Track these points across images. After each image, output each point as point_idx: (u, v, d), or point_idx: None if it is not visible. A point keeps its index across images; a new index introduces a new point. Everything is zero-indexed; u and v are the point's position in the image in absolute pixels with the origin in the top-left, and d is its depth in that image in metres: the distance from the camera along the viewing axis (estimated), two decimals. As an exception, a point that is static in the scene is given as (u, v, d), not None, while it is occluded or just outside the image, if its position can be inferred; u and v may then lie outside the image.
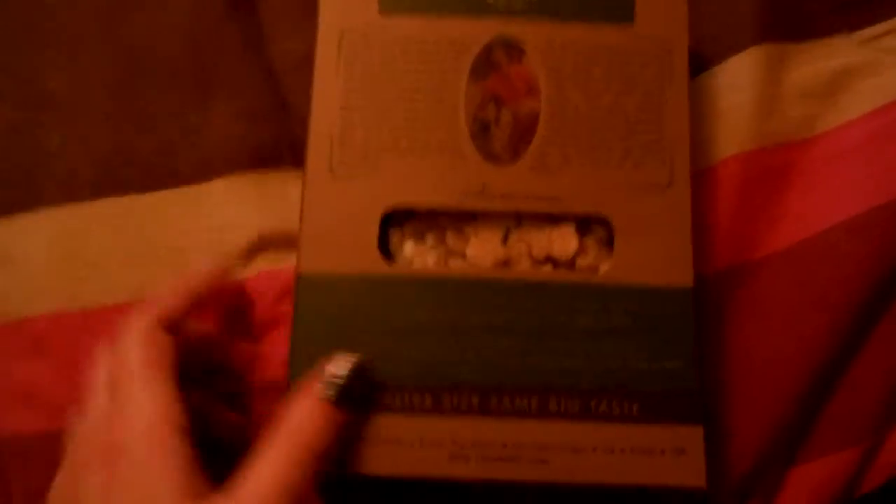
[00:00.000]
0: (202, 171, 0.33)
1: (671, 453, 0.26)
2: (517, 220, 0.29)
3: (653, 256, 0.28)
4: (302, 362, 0.26)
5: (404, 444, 0.25)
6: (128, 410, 0.23)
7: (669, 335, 0.27)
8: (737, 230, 0.31)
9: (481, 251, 0.28)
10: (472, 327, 0.26)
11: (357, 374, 0.25)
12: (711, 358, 0.30)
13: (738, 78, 0.32)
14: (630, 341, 0.27)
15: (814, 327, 0.30)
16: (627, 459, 0.26)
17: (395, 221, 0.28)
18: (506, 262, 0.28)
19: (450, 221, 0.29)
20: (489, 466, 0.25)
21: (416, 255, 0.28)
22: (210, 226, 0.32)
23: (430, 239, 0.29)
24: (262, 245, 0.31)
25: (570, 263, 0.28)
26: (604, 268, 0.28)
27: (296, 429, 0.23)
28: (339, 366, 0.25)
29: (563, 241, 0.29)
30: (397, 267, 0.28)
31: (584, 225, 0.29)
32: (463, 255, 0.28)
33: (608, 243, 0.28)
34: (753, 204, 0.31)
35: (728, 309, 0.31)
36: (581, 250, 0.29)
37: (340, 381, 0.24)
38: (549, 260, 0.29)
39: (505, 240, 0.29)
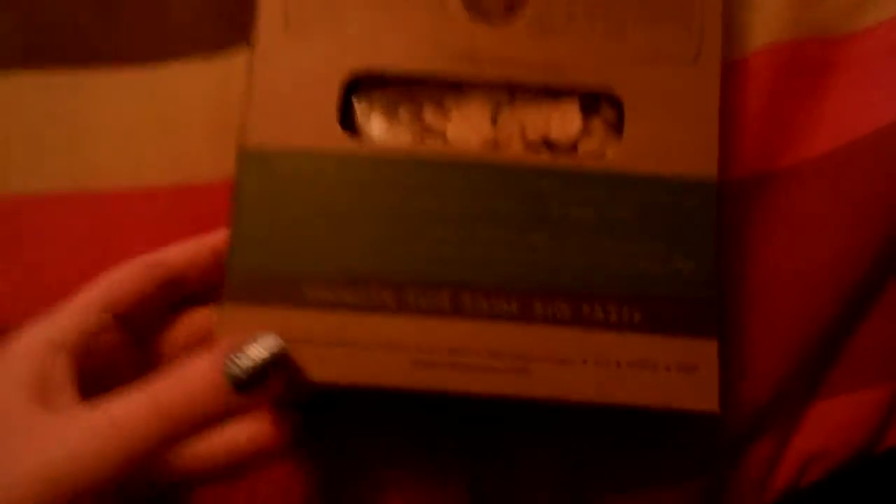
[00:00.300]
0: (158, 51, 0.28)
1: (678, 370, 0.22)
2: (510, 93, 0.24)
3: (670, 143, 0.23)
4: (244, 256, 0.22)
5: (359, 346, 0.22)
6: None
7: (685, 233, 0.22)
8: (765, 133, 0.27)
9: (465, 130, 0.24)
10: (448, 217, 0.22)
11: (274, 364, 0.20)
12: (729, 275, 0.27)
13: None
14: (636, 238, 0.22)
15: (848, 244, 0.26)
16: (625, 375, 0.21)
17: (361, 90, 0.24)
18: (494, 145, 0.24)
19: (428, 93, 0.24)
20: (458, 376, 0.21)
21: (386, 132, 0.24)
22: (162, 114, 0.28)
23: (403, 113, 0.24)
24: None
25: (571, 148, 0.24)
26: (610, 154, 0.23)
27: (181, 392, 0.20)
28: (257, 349, 0.20)
29: (564, 120, 0.24)
30: (362, 144, 0.23)
31: (590, 102, 0.24)
32: (443, 136, 0.24)
33: (617, 126, 0.24)
34: (785, 104, 0.27)
35: (751, 222, 0.27)
36: (585, 132, 0.24)
37: (251, 368, 0.20)
38: (546, 143, 0.24)
39: (494, 118, 0.24)
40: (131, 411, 0.20)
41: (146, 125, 0.28)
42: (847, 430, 0.27)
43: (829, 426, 0.27)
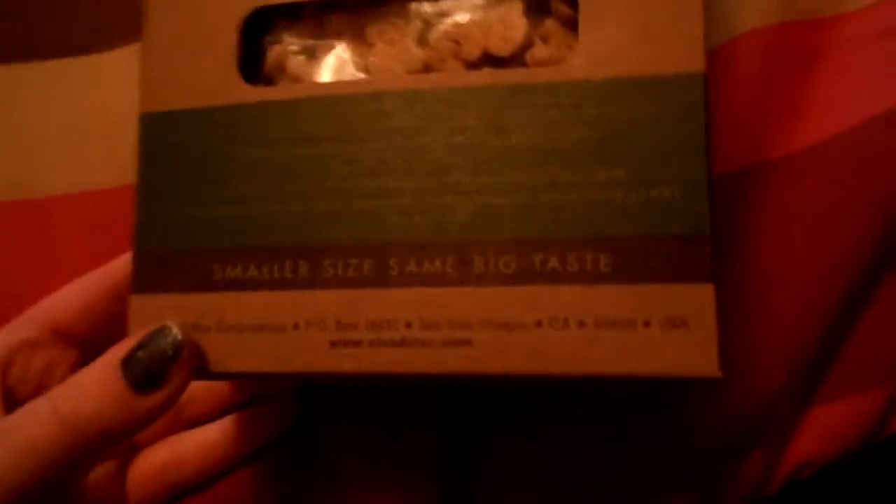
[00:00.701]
0: (98, 40, 0.27)
1: (663, 327, 0.17)
2: (437, 8, 0.20)
3: (641, 38, 0.18)
4: (149, 237, 0.20)
5: (271, 329, 0.18)
6: None
7: (665, 151, 0.17)
8: (753, 123, 0.25)
9: (390, 58, 0.20)
10: (369, 166, 0.18)
11: (171, 357, 0.18)
12: (721, 274, 0.23)
13: None
14: (601, 163, 0.17)
15: (843, 238, 0.25)
16: (592, 338, 0.17)
17: (270, 31, 0.21)
18: (425, 69, 0.20)
19: (345, 24, 0.20)
20: (384, 355, 0.18)
21: (303, 74, 0.21)
22: (106, 107, 0.26)
23: (320, 52, 0.21)
24: None
25: (518, 59, 0.19)
26: (568, 60, 0.18)
27: (81, 399, 0.18)
28: (152, 343, 0.18)
29: (505, 26, 0.19)
30: (270, 92, 0.20)
31: (537, 3, 0.19)
32: (366, 69, 0.20)
33: (574, 24, 0.19)
34: (774, 92, 0.26)
35: (741, 217, 0.25)
36: (531, 39, 0.19)
37: (146, 364, 0.18)
38: (488, 59, 0.19)
39: (423, 40, 0.20)
40: (28, 421, 0.18)
41: (90, 120, 0.26)
42: (843, 435, 0.25)
43: (825, 432, 0.25)
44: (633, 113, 0.17)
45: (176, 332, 0.18)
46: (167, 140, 0.20)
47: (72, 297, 0.22)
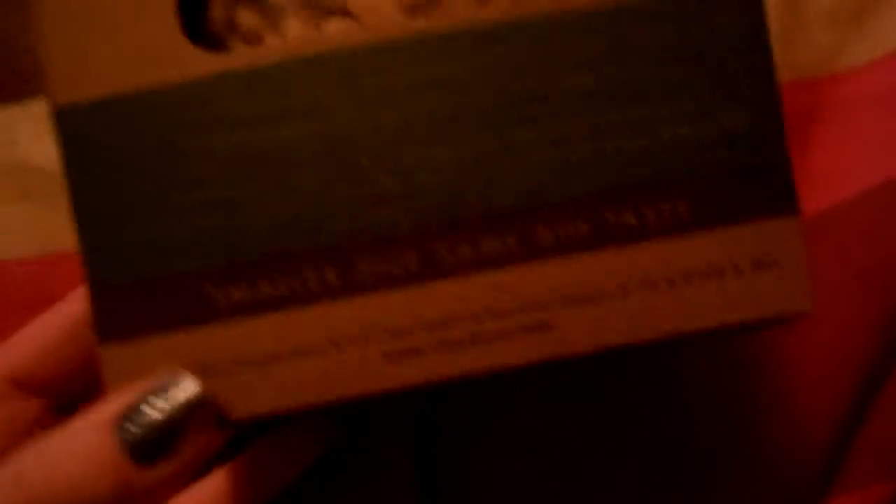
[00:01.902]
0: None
1: (753, 269, 0.15)
2: (424, -77, 0.16)
3: None
4: (105, 264, 0.15)
5: (301, 355, 0.15)
6: None
7: (728, 73, 0.15)
8: None
9: (374, -4, 0.16)
10: (393, 134, 0.15)
11: (188, 413, 0.14)
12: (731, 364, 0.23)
13: None
14: (661, 97, 0.15)
15: (852, 318, 0.23)
16: (683, 295, 0.15)
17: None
18: (416, 6, 0.16)
19: (307, -46, 0.16)
20: (457, 356, 0.15)
21: (265, 31, 0.16)
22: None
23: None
24: None
25: (532, -16, 0.16)
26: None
27: (58, 472, 0.14)
28: (161, 398, 0.14)
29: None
30: (228, 58, 0.15)
31: None
32: (345, 12, 0.16)
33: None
34: None
35: None
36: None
37: (155, 426, 0.14)
38: (495, -14, 0.16)
39: (411, -33, 0.16)
40: None
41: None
42: None
43: None
44: (686, 35, 0.15)
45: (191, 381, 0.14)
46: (100, 139, 0.15)
47: (26, 340, 0.18)
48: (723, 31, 0.15)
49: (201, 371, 0.15)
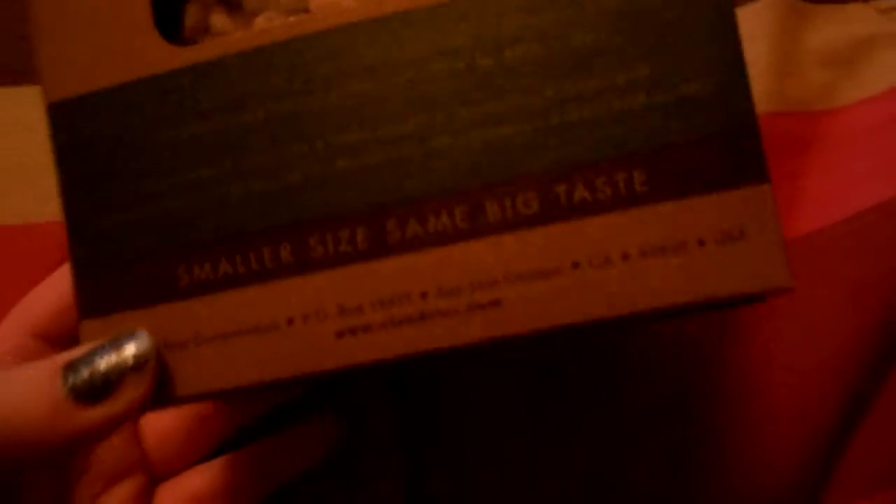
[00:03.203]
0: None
1: (719, 242, 0.14)
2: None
3: None
4: (88, 246, 0.16)
5: (258, 332, 0.15)
6: None
7: (687, 36, 0.14)
8: None
9: (336, -13, 0.17)
10: (343, 118, 0.15)
11: (134, 367, 0.15)
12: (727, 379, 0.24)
13: (753, 27, 0.27)
14: (619, 63, 0.15)
15: (842, 335, 0.23)
16: (640, 270, 0.14)
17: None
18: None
19: (274, -48, 0.17)
20: (404, 334, 0.15)
21: (231, 29, 0.17)
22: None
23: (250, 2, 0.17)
24: None
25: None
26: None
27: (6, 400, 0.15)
28: (111, 351, 0.15)
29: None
30: (204, 49, 0.16)
31: None
32: (305, 9, 0.17)
33: None
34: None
35: (735, 317, 0.24)
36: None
37: (97, 371, 0.15)
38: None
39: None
40: None
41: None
42: None
43: None
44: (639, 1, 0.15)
45: (148, 341, 0.15)
46: (85, 130, 0.16)
47: (46, 294, 0.19)
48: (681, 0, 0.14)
49: (164, 346, 0.16)
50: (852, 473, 0.24)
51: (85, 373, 0.15)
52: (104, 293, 0.16)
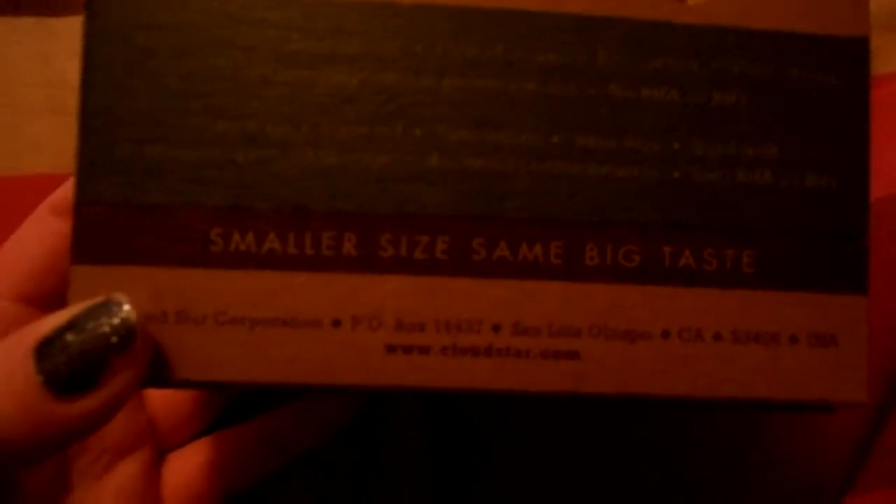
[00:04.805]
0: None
1: (810, 344, 0.14)
2: None
3: None
4: (100, 181, 0.13)
5: (296, 325, 0.13)
6: None
7: (823, 129, 0.14)
8: None
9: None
10: (434, 107, 0.14)
11: (116, 348, 0.12)
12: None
13: None
14: (746, 136, 0.14)
15: (880, 316, 0.22)
16: (728, 353, 0.14)
17: None
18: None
19: None
20: (464, 367, 0.13)
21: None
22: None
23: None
24: None
25: (631, -9, 0.15)
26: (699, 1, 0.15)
27: None
28: (96, 319, 0.12)
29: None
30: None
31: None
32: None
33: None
34: None
35: None
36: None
37: (74, 356, 0.12)
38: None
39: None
40: None
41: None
42: None
43: None
44: (784, 77, 0.14)
45: (127, 309, 0.12)
46: (128, 36, 0.13)
47: (32, 250, 0.15)
48: (822, 81, 0.14)
49: (176, 316, 0.13)
50: (888, 458, 0.23)
51: (60, 356, 0.12)
52: (111, 238, 0.13)
